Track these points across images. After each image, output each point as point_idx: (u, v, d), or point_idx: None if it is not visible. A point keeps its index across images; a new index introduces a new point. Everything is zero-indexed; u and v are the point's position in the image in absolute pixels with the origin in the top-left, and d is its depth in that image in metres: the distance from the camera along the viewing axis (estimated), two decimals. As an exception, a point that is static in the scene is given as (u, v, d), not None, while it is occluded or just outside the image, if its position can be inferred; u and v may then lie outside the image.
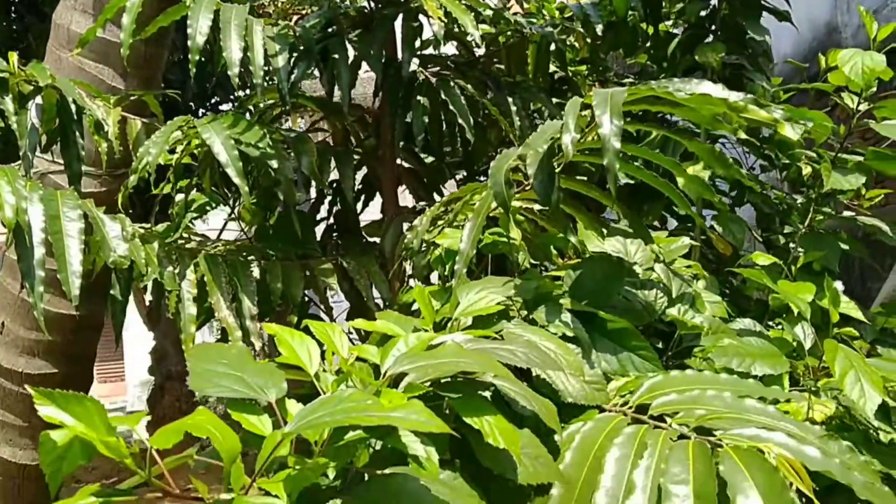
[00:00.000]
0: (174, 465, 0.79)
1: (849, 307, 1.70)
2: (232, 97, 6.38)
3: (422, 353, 0.95)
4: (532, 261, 1.48)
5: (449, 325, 1.16)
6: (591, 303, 1.31)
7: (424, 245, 1.63)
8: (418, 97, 1.86)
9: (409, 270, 1.96)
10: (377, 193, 2.17)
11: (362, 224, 2.21)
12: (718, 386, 1.04)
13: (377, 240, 2.05)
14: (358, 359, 1.01)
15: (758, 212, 2.20)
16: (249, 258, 1.74)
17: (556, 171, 1.23)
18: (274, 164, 1.61)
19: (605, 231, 1.53)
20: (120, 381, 10.81)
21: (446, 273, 1.42)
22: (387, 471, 0.82)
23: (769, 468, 0.82)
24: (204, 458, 0.83)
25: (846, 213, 1.99)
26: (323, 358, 0.96)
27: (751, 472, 0.82)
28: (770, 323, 1.75)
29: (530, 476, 0.93)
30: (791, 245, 2.00)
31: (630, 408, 1.07)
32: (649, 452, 0.92)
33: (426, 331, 1.10)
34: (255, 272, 1.73)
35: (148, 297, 2.60)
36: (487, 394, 1.02)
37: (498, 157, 1.29)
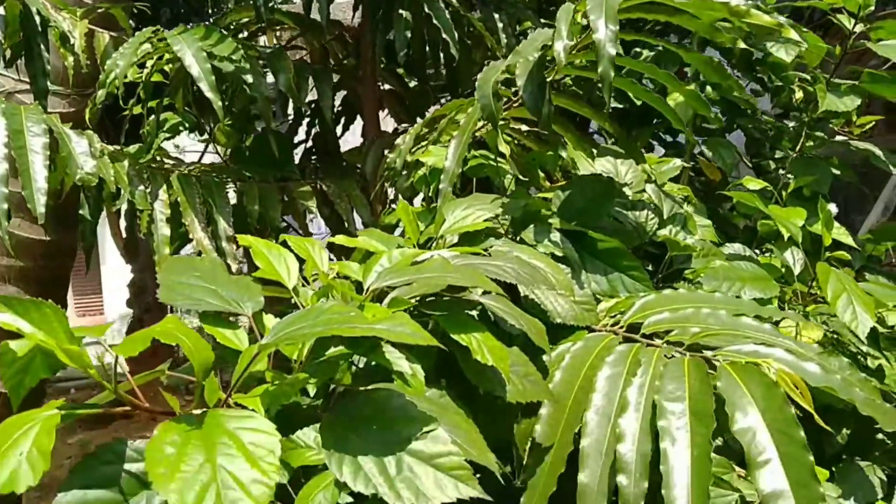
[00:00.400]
0: (145, 381, 0.75)
1: (840, 232, 1.67)
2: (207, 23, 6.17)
3: (407, 268, 0.90)
4: (520, 179, 1.43)
5: (434, 244, 1.11)
6: (580, 223, 1.26)
7: (407, 165, 1.57)
8: (400, 10, 1.77)
9: (391, 194, 1.90)
10: (357, 116, 2.10)
11: (343, 151, 2.14)
12: (712, 304, 1.00)
13: (359, 166, 1.99)
14: (339, 276, 0.96)
15: (748, 137, 2.15)
16: (225, 179, 1.67)
17: (547, 81, 1.17)
18: (249, 79, 1.53)
19: (594, 151, 1.48)
20: (99, 315, 10.74)
21: (430, 194, 1.37)
22: (370, 387, 0.78)
23: (768, 383, 0.79)
24: (177, 374, 0.79)
25: (838, 138, 1.95)
26: (302, 273, 0.91)
27: (749, 388, 0.79)
28: (757, 251, 1.72)
29: (519, 394, 0.89)
30: (781, 171, 1.96)
31: (621, 327, 1.04)
32: (643, 370, 0.88)
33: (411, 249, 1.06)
34: (232, 196, 1.67)
35: (124, 227, 2.54)
36: (475, 313, 0.98)
37: (485, 69, 1.23)
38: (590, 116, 1.37)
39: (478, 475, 0.72)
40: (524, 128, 1.52)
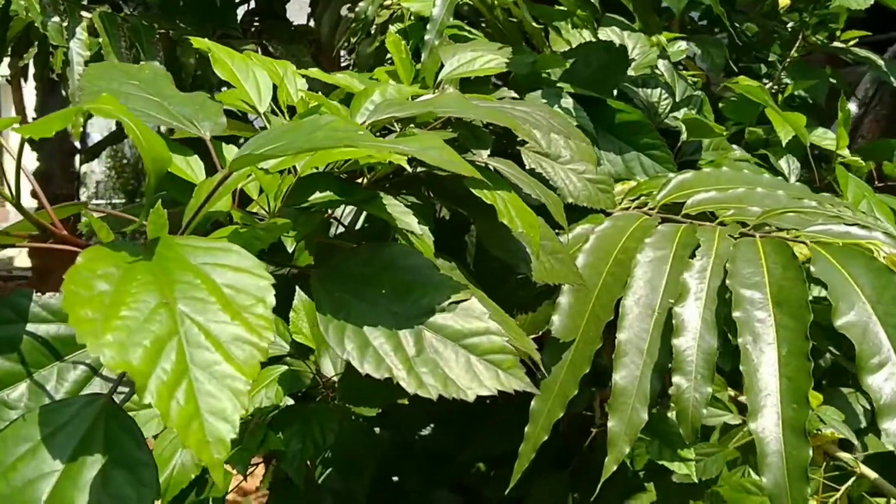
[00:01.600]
0: (68, 213, 0.53)
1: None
2: None
3: (412, 102, 0.69)
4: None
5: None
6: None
7: (376, 24, 1.34)
8: None
9: (347, 62, 1.67)
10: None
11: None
12: (765, 184, 0.83)
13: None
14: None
15: (731, 40, 1.98)
16: (155, 26, 1.40)
17: None
18: None
19: (596, 23, 1.27)
20: (1, 208, 10.08)
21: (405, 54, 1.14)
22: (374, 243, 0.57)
23: (879, 268, 0.62)
24: (107, 210, 0.57)
25: (836, 44, 1.80)
26: (275, 99, 0.69)
27: (853, 274, 0.62)
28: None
29: (546, 273, 0.71)
30: (771, 75, 1.81)
31: (652, 209, 0.86)
32: (703, 252, 0.70)
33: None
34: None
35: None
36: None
37: None
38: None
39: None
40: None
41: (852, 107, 2.76)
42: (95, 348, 0.33)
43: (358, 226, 0.77)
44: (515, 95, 0.87)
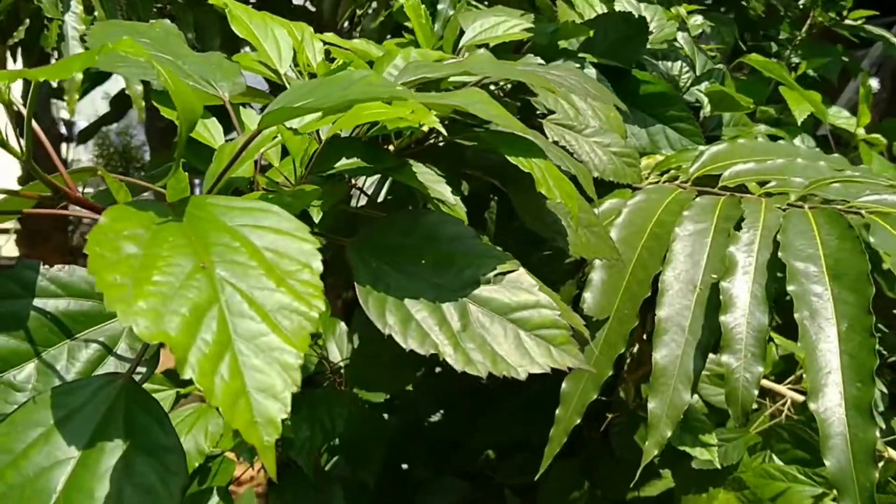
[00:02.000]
0: (79, 180, 0.48)
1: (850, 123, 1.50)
2: None
3: (444, 64, 0.64)
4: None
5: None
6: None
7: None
8: None
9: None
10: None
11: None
12: (804, 155, 0.79)
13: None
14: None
15: (739, 18, 1.94)
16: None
17: None
18: None
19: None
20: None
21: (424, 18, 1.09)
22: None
23: (946, 240, 0.58)
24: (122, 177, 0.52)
25: (847, 22, 1.76)
26: (295, 61, 0.64)
27: (917, 246, 0.58)
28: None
29: (583, 247, 0.66)
30: (780, 54, 1.77)
31: (685, 182, 0.82)
32: (749, 224, 0.66)
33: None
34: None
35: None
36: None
37: None
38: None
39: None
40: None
41: (850, 91, 2.73)
42: (127, 316, 0.29)
43: (380, 198, 0.73)
44: (542, 61, 0.82)
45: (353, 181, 0.66)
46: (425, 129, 0.67)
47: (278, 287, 0.32)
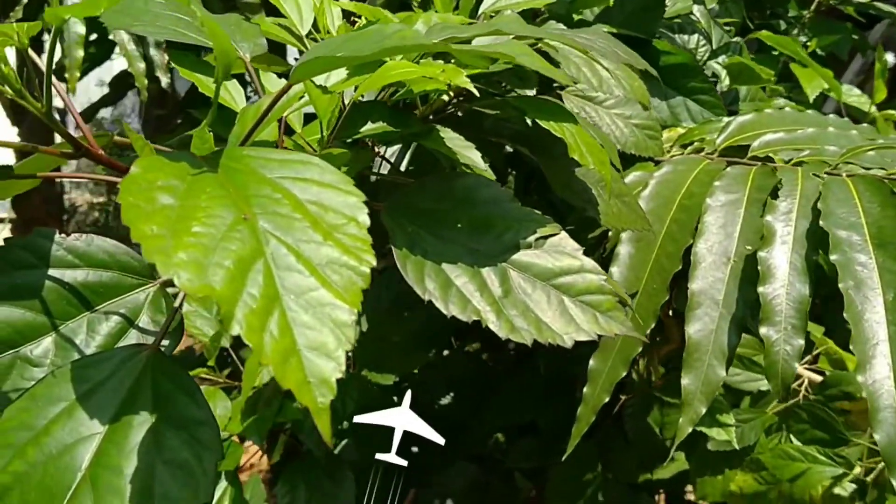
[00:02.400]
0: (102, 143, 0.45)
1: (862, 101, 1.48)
2: None
3: (472, 25, 0.62)
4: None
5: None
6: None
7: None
8: None
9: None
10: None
11: None
12: (833, 125, 0.77)
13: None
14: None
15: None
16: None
17: None
18: None
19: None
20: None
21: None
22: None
23: None
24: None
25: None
26: (316, 27, 0.61)
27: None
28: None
29: (614, 217, 0.64)
30: (789, 32, 1.75)
31: (713, 152, 0.79)
32: (786, 193, 0.64)
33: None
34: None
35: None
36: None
37: None
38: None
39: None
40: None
41: (852, 72, 2.70)
42: (168, 268, 0.26)
43: (402, 167, 0.71)
44: (564, 27, 0.80)
45: (377, 150, 0.63)
46: (445, 98, 0.65)
47: (325, 240, 0.30)
